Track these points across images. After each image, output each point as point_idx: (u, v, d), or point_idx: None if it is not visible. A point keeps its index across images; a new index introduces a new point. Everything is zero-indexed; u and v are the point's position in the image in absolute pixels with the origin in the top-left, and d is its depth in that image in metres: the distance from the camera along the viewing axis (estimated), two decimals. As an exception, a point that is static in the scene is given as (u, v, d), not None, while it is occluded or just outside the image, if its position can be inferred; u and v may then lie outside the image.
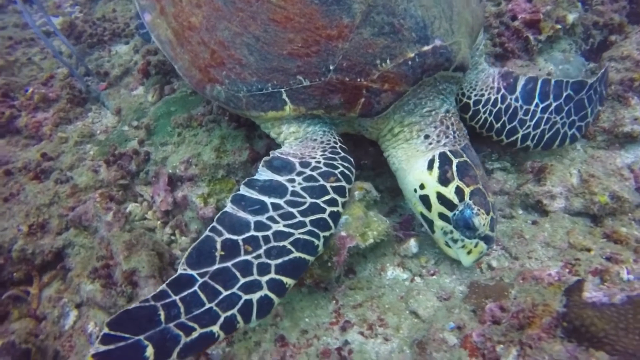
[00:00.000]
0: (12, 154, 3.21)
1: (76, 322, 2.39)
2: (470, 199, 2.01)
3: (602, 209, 2.29)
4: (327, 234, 1.86)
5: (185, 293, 1.60)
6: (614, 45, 2.96)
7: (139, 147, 2.92)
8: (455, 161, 2.09)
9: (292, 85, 2.02)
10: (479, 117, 2.48)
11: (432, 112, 2.21)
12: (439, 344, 1.71)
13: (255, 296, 1.64)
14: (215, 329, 1.55)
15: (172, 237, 2.70)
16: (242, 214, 1.81)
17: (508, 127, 2.46)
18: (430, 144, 2.19)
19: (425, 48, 2.00)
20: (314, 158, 2.05)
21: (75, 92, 3.41)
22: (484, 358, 1.58)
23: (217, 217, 1.81)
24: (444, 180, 2.06)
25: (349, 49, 1.96)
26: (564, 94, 2.47)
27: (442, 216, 2.07)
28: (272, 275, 1.69)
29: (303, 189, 1.91)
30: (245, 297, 1.62)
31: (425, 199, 2.11)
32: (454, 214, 2.03)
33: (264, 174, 2.00)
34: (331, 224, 1.87)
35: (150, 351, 1.43)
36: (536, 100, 2.46)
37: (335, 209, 1.90)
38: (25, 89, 3.52)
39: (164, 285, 1.61)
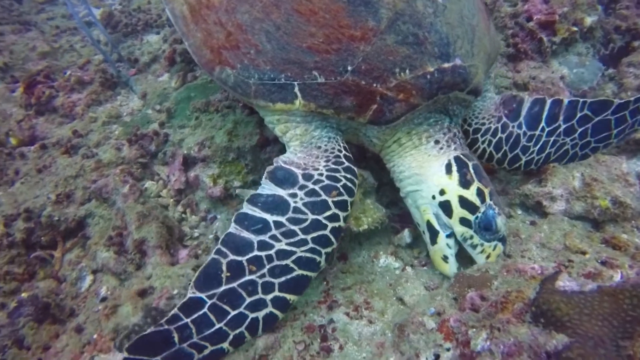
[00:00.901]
0: (49, 130, 3.50)
1: (91, 285, 2.58)
2: (490, 200, 2.02)
3: (603, 213, 2.26)
4: (328, 250, 1.88)
5: (195, 315, 1.71)
6: (636, 51, 2.90)
7: (159, 128, 3.12)
8: (470, 164, 2.09)
9: (306, 79, 1.97)
10: (477, 146, 2.42)
11: (439, 122, 2.20)
12: (417, 327, 1.77)
13: (261, 314, 1.77)
14: (225, 345, 1.73)
15: (183, 215, 2.86)
16: (245, 234, 1.84)
17: (510, 156, 2.38)
18: (442, 148, 2.15)
19: (446, 65, 1.98)
20: (317, 170, 2.01)
21: (107, 76, 3.68)
22: (457, 342, 1.62)
23: (221, 239, 1.84)
24: (464, 183, 2.03)
25: (370, 53, 1.93)
26: (578, 115, 2.34)
27: (463, 221, 2.03)
28: (276, 293, 1.78)
29: (305, 204, 1.90)
30: (252, 315, 1.75)
31: (445, 205, 2.05)
32: (477, 217, 2.00)
33: (266, 187, 2.00)
34: (333, 239, 1.88)
35: None
36: (542, 124, 2.35)
37: (336, 224, 1.90)
38: (64, 71, 3.82)
39: (176, 309, 1.72)
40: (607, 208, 2.25)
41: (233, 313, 1.74)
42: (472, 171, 2.06)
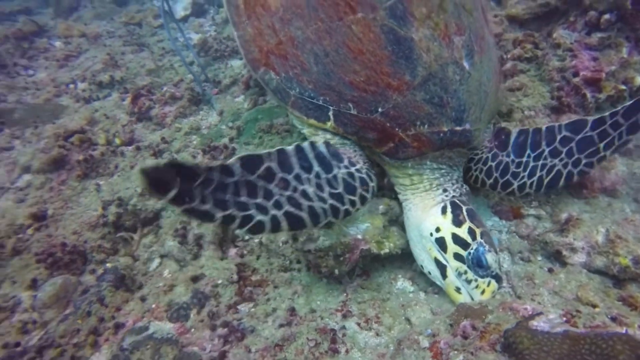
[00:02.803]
0: (144, 135, 4.23)
1: (157, 267, 3.12)
2: (481, 238, 2.25)
3: (623, 271, 2.29)
4: (331, 219, 2.19)
5: (219, 180, 1.84)
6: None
7: (229, 143, 3.66)
8: (464, 207, 2.36)
9: (341, 108, 2.25)
10: (470, 173, 2.66)
11: (449, 174, 2.51)
12: (412, 343, 2.00)
13: (258, 217, 1.95)
14: (218, 215, 1.84)
15: (238, 219, 3.33)
16: (294, 160, 2.10)
17: (501, 181, 2.58)
18: (447, 196, 2.44)
19: (458, 128, 2.29)
20: (358, 163, 2.33)
21: (194, 93, 4.35)
22: (442, 361, 1.84)
23: (277, 148, 2.06)
24: (457, 222, 2.29)
25: (400, 103, 2.19)
26: (558, 137, 2.52)
27: (457, 256, 2.27)
28: (279, 214, 2.00)
29: (343, 179, 2.21)
30: (251, 211, 1.94)
31: (441, 241, 2.30)
32: (469, 252, 2.23)
33: (322, 149, 2.23)
34: (338, 216, 2.20)
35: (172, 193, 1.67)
36: (528, 151, 2.56)
37: (350, 208, 2.22)
38: (162, 87, 4.59)
39: (216, 163, 1.97)
40: (628, 266, 2.28)
41: (242, 199, 1.91)
42: (464, 213, 2.31)
